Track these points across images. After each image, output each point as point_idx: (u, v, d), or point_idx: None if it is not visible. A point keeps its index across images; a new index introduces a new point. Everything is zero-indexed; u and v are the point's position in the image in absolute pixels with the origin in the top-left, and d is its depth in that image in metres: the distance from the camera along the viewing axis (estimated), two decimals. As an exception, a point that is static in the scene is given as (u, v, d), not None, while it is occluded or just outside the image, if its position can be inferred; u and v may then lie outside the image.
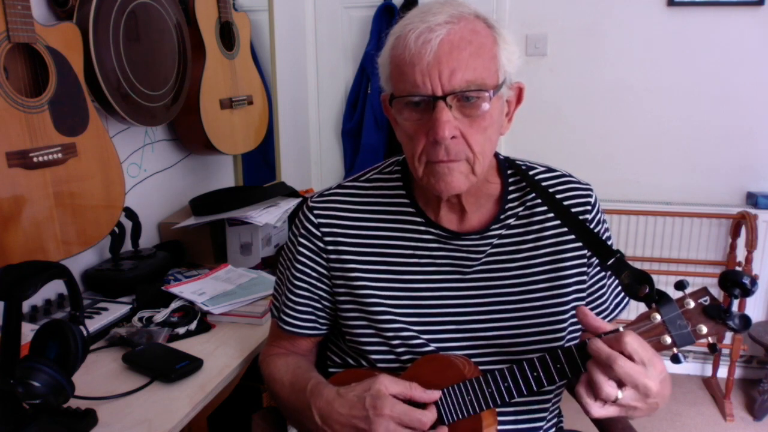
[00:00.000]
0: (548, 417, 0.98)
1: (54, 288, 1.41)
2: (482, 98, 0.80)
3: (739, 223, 2.39)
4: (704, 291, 0.74)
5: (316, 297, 1.00)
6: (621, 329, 0.74)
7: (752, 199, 2.47)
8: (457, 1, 0.84)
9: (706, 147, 2.51)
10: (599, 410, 0.73)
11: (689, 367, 2.69)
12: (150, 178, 1.80)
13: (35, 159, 1.24)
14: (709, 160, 2.52)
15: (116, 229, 1.53)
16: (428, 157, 0.83)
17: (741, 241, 2.41)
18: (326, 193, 1.00)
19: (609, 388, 0.71)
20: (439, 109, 0.79)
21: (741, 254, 2.41)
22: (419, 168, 0.85)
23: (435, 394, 0.85)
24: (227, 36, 1.90)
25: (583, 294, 0.96)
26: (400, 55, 0.81)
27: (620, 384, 0.71)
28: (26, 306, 1.34)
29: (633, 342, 0.71)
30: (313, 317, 1.02)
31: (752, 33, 2.38)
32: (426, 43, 0.78)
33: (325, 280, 0.99)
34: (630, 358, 0.71)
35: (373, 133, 2.69)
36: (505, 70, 0.84)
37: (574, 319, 0.95)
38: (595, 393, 0.72)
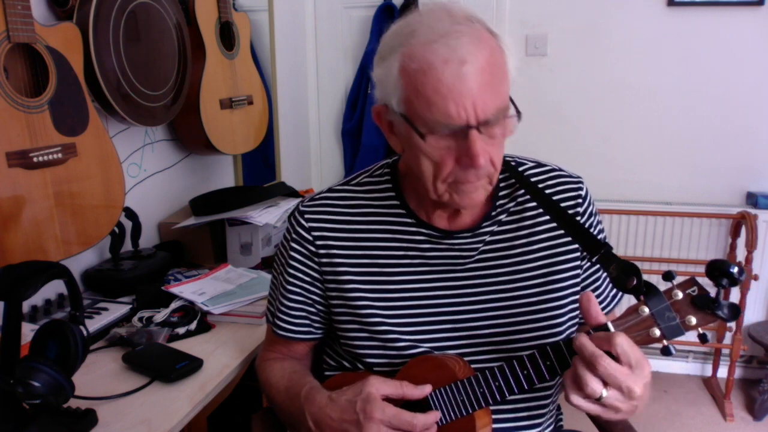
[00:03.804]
0: (547, 415, 0.98)
1: (54, 288, 1.41)
2: (508, 122, 0.81)
3: (739, 223, 2.39)
4: (692, 281, 0.73)
5: (309, 301, 1.00)
6: (611, 328, 0.74)
7: (752, 199, 2.47)
8: (463, 13, 0.81)
9: (706, 147, 2.51)
10: (579, 401, 0.73)
11: (689, 367, 2.69)
12: (150, 178, 1.81)
13: (35, 159, 1.24)
14: (709, 160, 2.52)
15: (116, 229, 1.53)
16: (457, 179, 0.83)
17: (741, 241, 2.41)
18: (317, 197, 1.00)
19: (595, 384, 0.71)
20: (474, 138, 0.77)
21: (741, 254, 2.41)
22: (441, 187, 0.84)
23: (426, 389, 0.86)
24: (227, 36, 1.91)
25: (578, 288, 0.96)
26: (427, 82, 0.77)
27: (605, 383, 0.71)
28: (26, 306, 1.34)
29: (624, 343, 0.71)
30: (307, 321, 1.01)
31: (752, 33, 2.38)
32: (461, 76, 0.75)
33: (317, 284, 0.99)
34: (618, 358, 0.71)
35: (374, 133, 2.68)
36: (513, 78, 0.84)
37: (572, 314, 0.95)
38: (580, 388, 0.72)
